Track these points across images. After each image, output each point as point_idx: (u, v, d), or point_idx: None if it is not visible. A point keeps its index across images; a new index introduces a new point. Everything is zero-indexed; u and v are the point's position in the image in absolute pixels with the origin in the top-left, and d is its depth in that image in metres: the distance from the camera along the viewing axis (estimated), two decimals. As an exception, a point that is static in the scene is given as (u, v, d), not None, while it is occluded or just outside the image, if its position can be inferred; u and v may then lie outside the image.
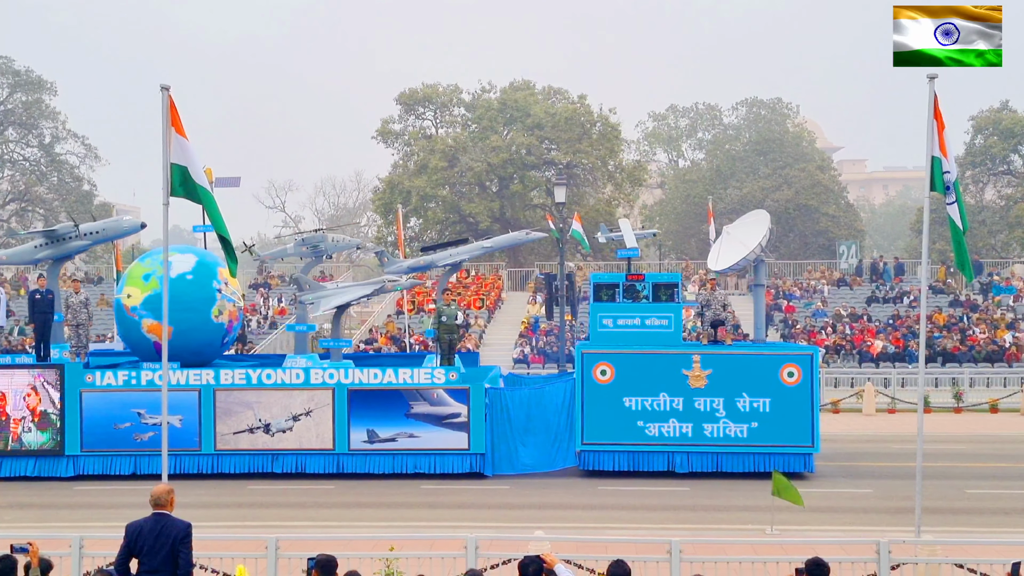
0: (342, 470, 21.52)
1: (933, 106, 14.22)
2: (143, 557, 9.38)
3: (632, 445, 21.33)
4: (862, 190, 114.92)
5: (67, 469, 21.65)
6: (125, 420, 21.59)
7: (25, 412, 21.65)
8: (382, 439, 21.51)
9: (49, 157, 63.16)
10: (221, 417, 21.60)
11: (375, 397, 21.53)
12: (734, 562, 11.85)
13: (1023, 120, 58.27)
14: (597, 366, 21.41)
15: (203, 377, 21.70)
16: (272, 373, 21.79)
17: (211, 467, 21.62)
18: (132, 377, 21.76)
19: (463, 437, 21.40)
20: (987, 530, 16.52)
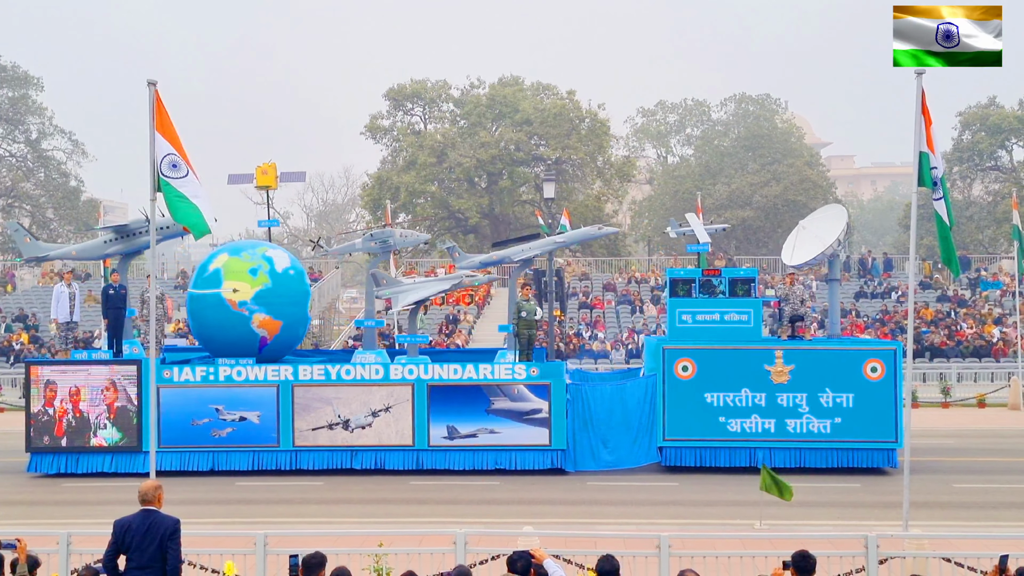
0: (421, 466, 21.32)
1: (921, 102, 14.26)
2: (131, 554, 9.36)
3: (714, 441, 21.25)
4: (850, 186, 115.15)
5: (144, 465, 21.33)
6: (203, 416, 21.44)
7: (102, 408, 21.50)
8: (462, 435, 21.35)
9: (36, 153, 62.87)
10: (300, 413, 21.41)
11: (455, 393, 21.37)
12: (723, 556, 11.90)
13: (1010, 116, 58.52)
14: (679, 362, 21.35)
15: (281, 373, 21.51)
16: (351, 369, 21.58)
17: (289, 464, 21.44)
18: (210, 373, 21.56)
19: (544, 433, 21.23)
20: (974, 524, 16.57)
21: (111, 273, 23.60)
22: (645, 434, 21.66)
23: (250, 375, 21.48)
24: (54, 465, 21.66)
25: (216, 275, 22.36)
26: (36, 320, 43.87)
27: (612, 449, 21.67)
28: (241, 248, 23.57)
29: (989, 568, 10.68)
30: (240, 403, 21.43)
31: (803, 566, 9.24)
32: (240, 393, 21.44)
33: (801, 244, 24.07)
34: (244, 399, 21.43)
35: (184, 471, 21.33)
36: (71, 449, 21.57)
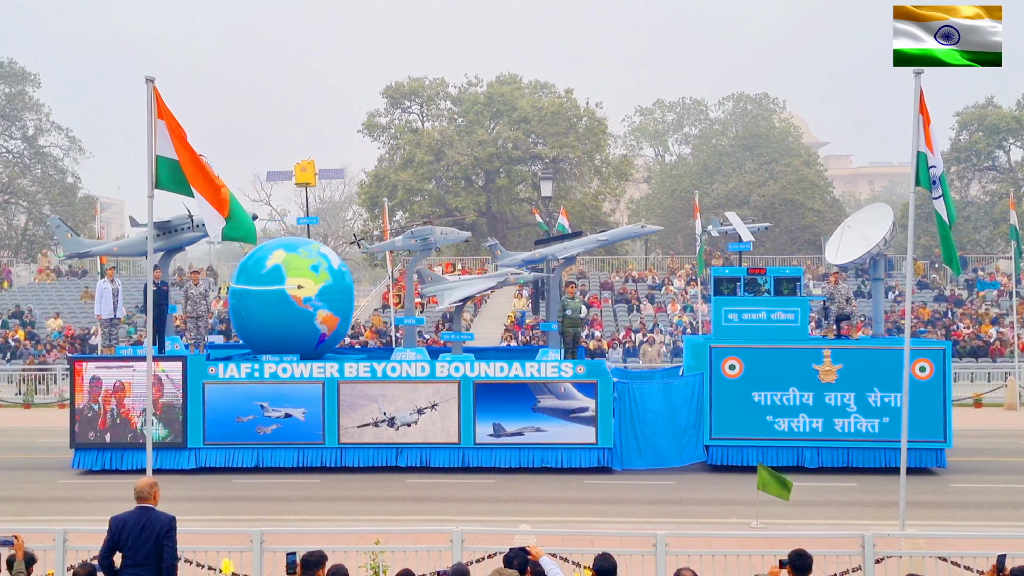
0: (467, 464, 21.27)
1: (919, 101, 14.26)
2: (127, 551, 9.34)
3: (761, 440, 21.22)
4: (848, 185, 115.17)
5: (189, 461, 21.43)
6: (248, 413, 21.41)
7: None
8: (508, 433, 21.31)
9: (33, 149, 62.76)
10: (345, 410, 21.39)
11: (501, 390, 21.33)
12: (719, 555, 11.89)
13: (1008, 116, 58.55)
14: (726, 360, 21.33)
15: (327, 370, 21.48)
16: (397, 366, 21.52)
17: (335, 461, 21.40)
18: (255, 370, 21.53)
19: (591, 431, 21.16)
20: (971, 523, 16.60)
21: (153, 269, 23.50)
22: (691, 433, 21.55)
23: (296, 372, 21.46)
24: (98, 461, 21.62)
25: (277, 272, 22.32)
26: (32, 317, 43.81)
27: (658, 448, 21.54)
28: (296, 245, 23.61)
29: (986, 568, 10.69)
30: (285, 400, 21.41)
31: (800, 565, 9.25)
32: (285, 390, 21.43)
33: (847, 243, 23.88)
34: (290, 396, 21.42)
35: (228, 468, 21.30)
36: (116, 445, 21.55)
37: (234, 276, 23.42)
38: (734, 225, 28.92)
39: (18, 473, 21.88)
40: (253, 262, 22.85)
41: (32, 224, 63.20)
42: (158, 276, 23.03)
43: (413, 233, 24.74)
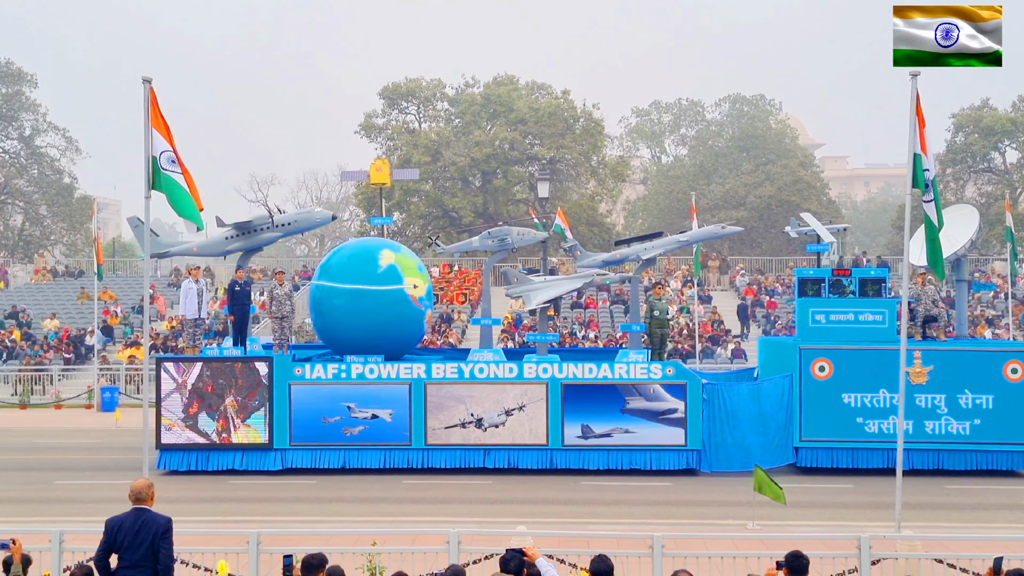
0: (555, 466, 21.18)
1: (915, 104, 14.27)
2: (123, 552, 9.33)
3: (851, 442, 21.14)
4: (844, 187, 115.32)
5: (275, 463, 21.37)
6: (334, 414, 21.34)
7: (233, 405, 21.36)
8: (597, 434, 21.20)
9: (29, 150, 62.70)
10: (432, 411, 21.31)
11: (589, 392, 21.24)
12: (716, 557, 11.89)
13: (1003, 118, 58.62)
14: (815, 362, 21.24)
15: (414, 371, 21.40)
16: (485, 367, 21.46)
17: (422, 462, 21.33)
18: (342, 370, 21.46)
19: (679, 433, 21.07)
20: (967, 525, 16.60)
21: (236, 270, 23.48)
22: (781, 435, 21.43)
23: (382, 373, 21.40)
24: (184, 462, 21.57)
25: (394, 271, 22.41)
26: (28, 317, 43.74)
27: (748, 450, 21.40)
28: (393, 245, 23.75)
29: (983, 570, 10.70)
30: (372, 401, 21.36)
31: (796, 566, 9.25)
32: (372, 391, 21.37)
33: None
34: (376, 397, 21.36)
35: (315, 469, 21.27)
36: (201, 446, 21.49)
37: (330, 275, 22.70)
38: (812, 226, 28.64)
39: (15, 474, 21.84)
40: (361, 261, 22.62)
41: (29, 224, 63.11)
42: (241, 276, 22.99)
43: (490, 234, 24.65)
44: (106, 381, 36.08)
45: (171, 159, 14.14)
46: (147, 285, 15.02)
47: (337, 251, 23.64)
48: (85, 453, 24.95)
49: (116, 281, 50.16)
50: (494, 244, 24.53)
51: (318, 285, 22.80)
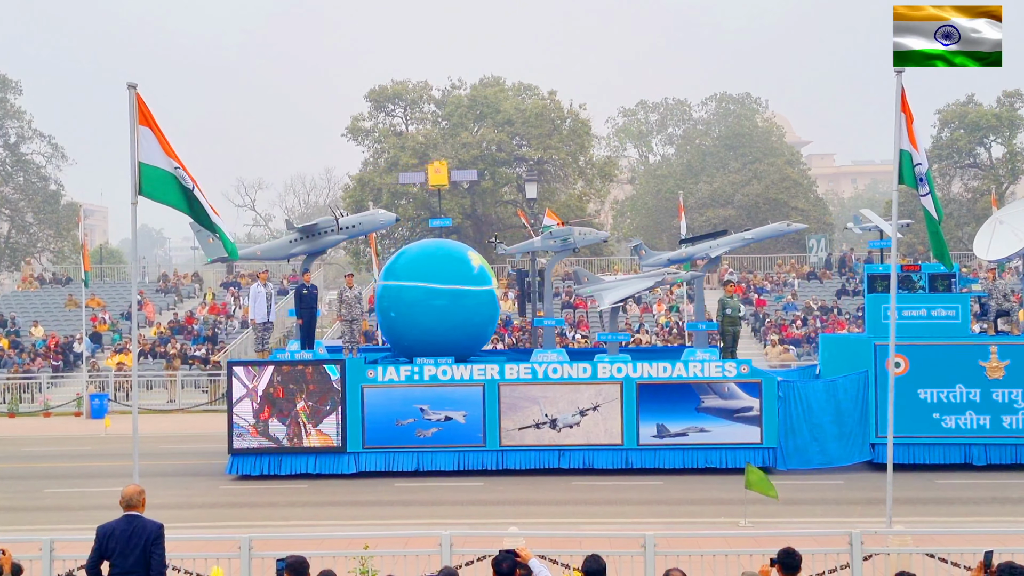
0: (630, 465, 21.09)
1: (901, 100, 14.31)
2: (115, 559, 9.29)
3: (928, 438, 21.14)
4: (831, 184, 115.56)
5: (348, 466, 21.26)
6: (407, 416, 21.24)
7: (305, 409, 21.22)
8: (672, 434, 21.12)
9: (15, 157, 62.42)
10: (506, 412, 21.21)
11: (664, 391, 21.20)
12: (708, 555, 11.90)
13: (989, 114, 58.88)
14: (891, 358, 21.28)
15: (488, 372, 21.32)
16: (559, 367, 21.37)
17: (496, 463, 21.22)
18: (415, 372, 21.36)
19: (755, 431, 21.02)
20: (957, 520, 16.67)
21: (303, 273, 23.36)
22: (857, 432, 21.33)
23: (455, 374, 21.33)
24: (256, 467, 21.42)
25: (483, 273, 22.76)
26: (16, 325, 43.55)
27: (824, 447, 21.30)
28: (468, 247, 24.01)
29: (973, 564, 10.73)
30: (445, 403, 21.27)
31: (789, 563, 9.25)
32: (445, 393, 21.29)
33: (998, 239, 23.63)
34: (449, 399, 21.28)
35: (389, 471, 21.18)
36: (273, 451, 21.36)
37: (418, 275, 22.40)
38: (875, 222, 28.51)
39: (4, 483, 21.75)
40: (457, 262, 22.64)
41: (15, 232, 62.83)
42: (308, 279, 22.96)
43: (553, 234, 24.57)
44: (95, 388, 35.97)
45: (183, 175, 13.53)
46: (135, 291, 14.96)
47: (415, 252, 23.31)
48: (75, 461, 24.89)
49: (104, 288, 49.99)
50: (556, 244, 24.47)
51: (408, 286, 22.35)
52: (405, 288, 22.34)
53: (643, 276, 24.89)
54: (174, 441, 27.61)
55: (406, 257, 23.18)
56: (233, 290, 48.06)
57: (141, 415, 20.16)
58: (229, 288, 48.65)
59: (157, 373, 38.26)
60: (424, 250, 23.57)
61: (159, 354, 39.77)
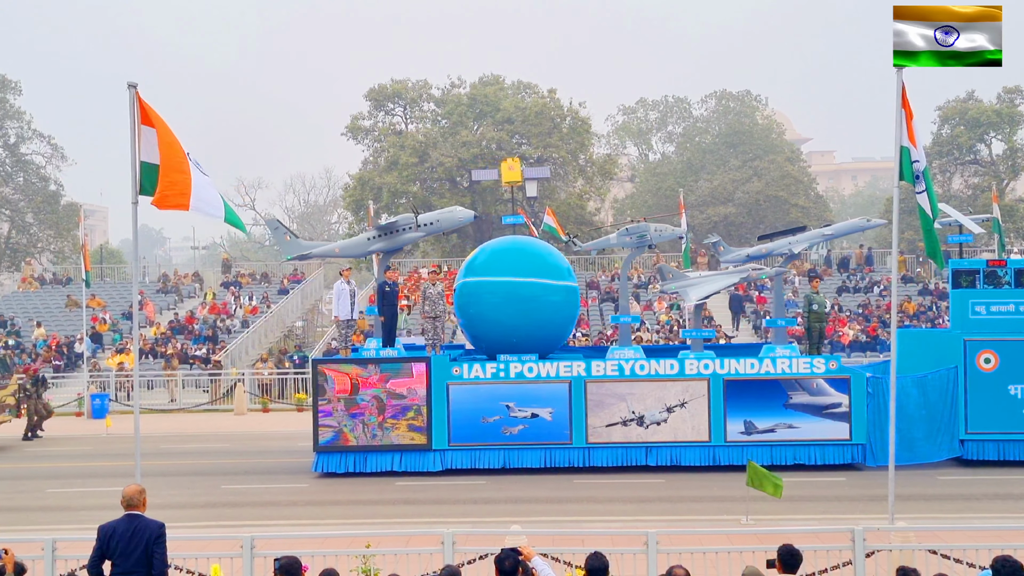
0: (717, 462, 20.97)
1: (901, 96, 14.30)
2: (116, 559, 9.29)
3: (1019, 434, 21.01)
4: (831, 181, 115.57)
5: (434, 463, 21.18)
6: (493, 413, 21.16)
7: (390, 406, 21.15)
8: (760, 430, 21.02)
9: (15, 157, 62.44)
10: (593, 409, 21.13)
11: (751, 387, 21.12)
12: (710, 552, 11.89)
13: (989, 110, 58.89)
14: (981, 354, 21.10)
15: (574, 369, 21.24)
16: (645, 364, 21.28)
17: (583, 461, 21.13)
18: (500, 370, 21.29)
19: (844, 427, 20.88)
20: (960, 516, 16.65)
21: (385, 271, 23.30)
22: (946, 428, 21.17)
23: (541, 371, 21.25)
24: (342, 464, 21.36)
25: (567, 269, 22.80)
26: (16, 326, 43.56)
27: (913, 443, 21.09)
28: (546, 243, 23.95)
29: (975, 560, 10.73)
30: (531, 400, 21.18)
31: (789, 562, 9.24)
32: (531, 390, 21.20)
33: None
34: (536, 396, 21.19)
35: (475, 469, 21.13)
36: (358, 448, 21.27)
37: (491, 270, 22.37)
38: (955, 217, 28.33)
39: (6, 483, 21.76)
40: (556, 258, 22.66)
41: (15, 232, 62.83)
42: (390, 277, 22.95)
43: (628, 230, 24.45)
44: (96, 388, 35.95)
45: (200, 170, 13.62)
46: (136, 291, 14.94)
47: (497, 248, 23.21)
48: (76, 461, 24.89)
49: (104, 288, 49.99)
50: (632, 241, 24.32)
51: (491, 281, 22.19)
52: (488, 284, 22.24)
53: (728, 272, 24.76)
54: (175, 441, 27.60)
55: (487, 253, 23.07)
56: (233, 289, 48.05)
57: (142, 415, 20.16)
58: (229, 288, 48.62)
59: (158, 373, 38.26)
60: (506, 246, 23.51)
61: (160, 354, 39.77)
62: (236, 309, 45.91)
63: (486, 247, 23.62)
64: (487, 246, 23.71)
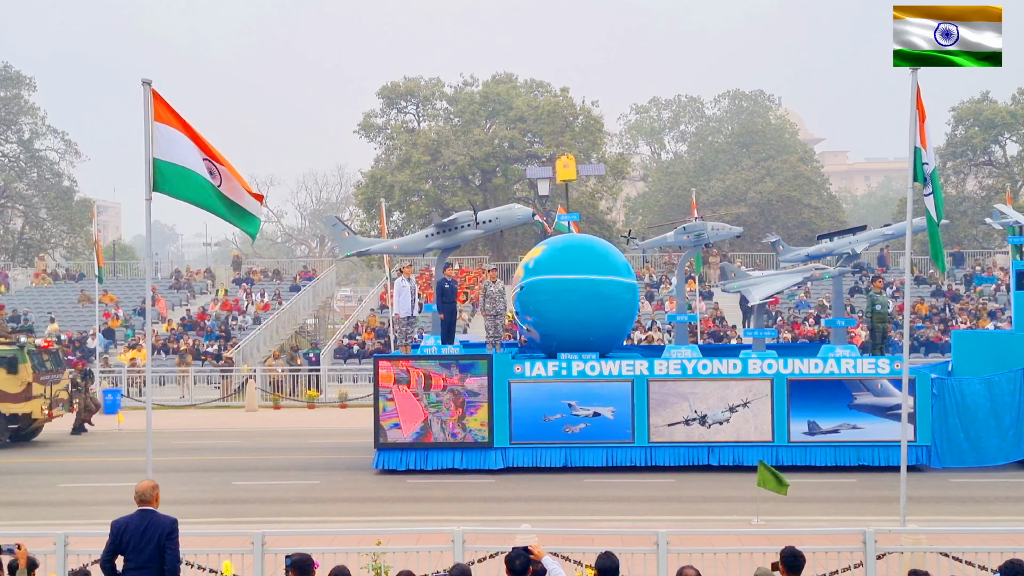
0: (780, 462, 20.65)
1: (916, 98, 14.25)
2: (129, 554, 9.31)
3: None
4: (844, 181, 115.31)
5: (496, 461, 21.11)
6: (555, 412, 21.07)
7: (451, 403, 21.09)
8: (823, 431, 20.87)
9: (28, 153, 62.71)
10: (655, 409, 21.06)
11: (815, 388, 20.98)
12: (721, 553, 11.86)
13: (1003, 111, 58.62)
14: None
15: (636, 368, 21.18)
16: (708, 363, 21.21)
17: (644, 460, 21.04)
18: (562, 368, 21.21)
19: (908, 429, 20.41)
20: (972, 519, 16.60)
21: (444, 268, 23.36)
22: (1014, 430, 20.97)
23: (604, 370, 21.16)
24: (403, 462, 21.30)
25: (627, 266, 22.89)
26: (30, 322, 43.73)
27: (980, 445, 20.91)
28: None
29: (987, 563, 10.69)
30: (593, 398, 21.07)
31: (793, 565, 9.19)
32: (593, 388, 21.10)
33: None
34: (597, 394, 21.09)
35: (536, 467, 21.06)
36: (419, 445, 21.23)
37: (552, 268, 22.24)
38: (1015, 217, 28.23)
39: (18, 477, 21.85)
40: (599, 255, 22.57)
41: (29, 228, 63.10)
42: (450, 274, 23.02)
43: (686, 229, 24.38)
44: (108, 384, 36.09)
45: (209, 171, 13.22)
46: (148, 287, 14.97)
47: (558, 246, 23.11)
48: (88, 456, 24.98)
49: (117, 284, 50.17)
50: (689, 239, 24.30)
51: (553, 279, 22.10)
52: (549, 281, 22.14)
53: (791, 272, 24.60)
54: (187, 437, 27.68)
55: (553, 251, 22.94)
56: (245, 286, 48.16)
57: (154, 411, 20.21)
58: (241, 284, 48.73)
59: (170, 369, 38.38)
60: (567, 243, 23.49)
61: (172, 350, 39.88)
62: (248, 306, 46.03)
63: (550, 245, 23.36)
64: (550, 244, 23.47)
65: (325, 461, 23.18)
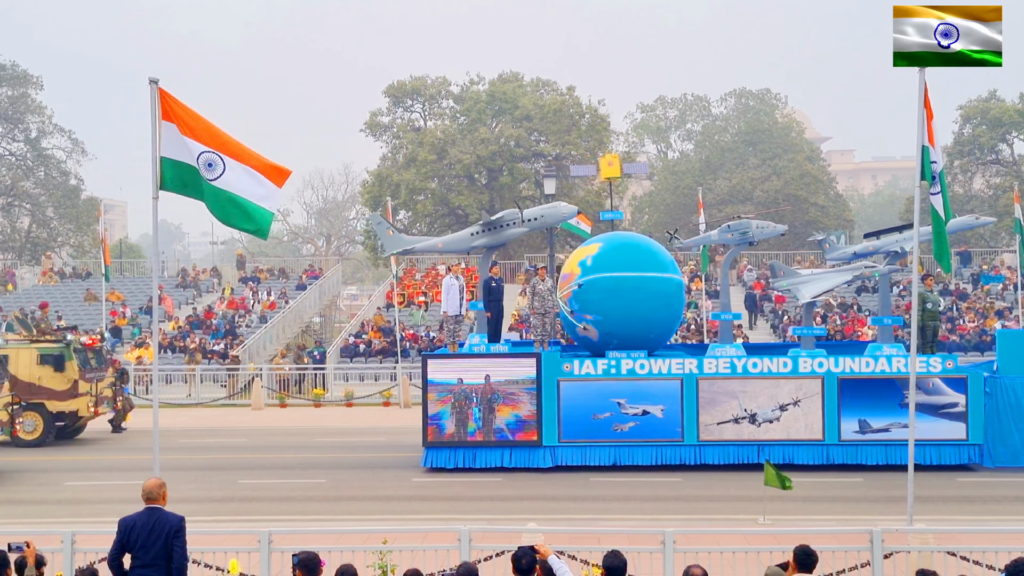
0: (831, 461, 20.75)
1: (923, 96, 14.22)
2: (136, 552, 9.32)
3: None
4: (850, 180, 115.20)
5: (544, 460, 21.09)
6: (604, 410, 21.05)
7: (500, 402, 21.05)
8: (874, 429, 20.80)
9: (35, 152, 62.81)
10: (704, 407, 21.00)
11: (866, 386, 20.91)
12: (727, 552, 11.85)
13: (1011, 109, 58.51)
14: None
15: (686, 366, 21.19)
16: (758, 362, 21.15)
17: (694, 458, 20.98)
18: (612, 366, 21.18)
19: (960, 427, 20.61)
20: (979, 518, 16.56)
21: (491, 266, 23.34)
22: None
23: (653, 368, 21.11)
24: (451, 460, 21.28)
25: (673, 263, 22.91)
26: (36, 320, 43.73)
27: None
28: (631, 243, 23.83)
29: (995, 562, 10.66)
30: (642, 397, 21.04)
31: (805, 562, 9.19)
32: (642, 387, 21.06)
33: None
34: (646, 393, 21.05)
35: (585, 466, 21.05)
36: (468, 443, 21.19)
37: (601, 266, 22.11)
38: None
39: (25, 475, 21.89)
40: (647, 252, 22.55)
41: (36, 226, 63.23)
42: (496, 272, 22.98)
43: (730, 227, 24.37)
44: (115, 382, 36.07)
45: (208, 163, 12.87)
46: (155, 286, 14.98)
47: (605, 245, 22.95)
48: (95, 454, 25.03)
49: (123, 282, 50.25)
50: (734, 238, 24.26)
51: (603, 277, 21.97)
52: (610, 279, 22.00)
53: (840, 270, 24.51)
54: (193, 435, 27.72)
55: (605, 248, 22.79)
56: (251, 285, 48.21)
57: (160, 409, 20.25)
58: (247, 283, 48.79)
59: (176, 367, 38.44)
60: (623, 241, 23.49)
61: (178, 349, 39.93)
62: (254, 304, 46.07)
63: (605, 242, 23.20)
64: (606, 241, 23.32)
65: (331, 460, 23.20)
